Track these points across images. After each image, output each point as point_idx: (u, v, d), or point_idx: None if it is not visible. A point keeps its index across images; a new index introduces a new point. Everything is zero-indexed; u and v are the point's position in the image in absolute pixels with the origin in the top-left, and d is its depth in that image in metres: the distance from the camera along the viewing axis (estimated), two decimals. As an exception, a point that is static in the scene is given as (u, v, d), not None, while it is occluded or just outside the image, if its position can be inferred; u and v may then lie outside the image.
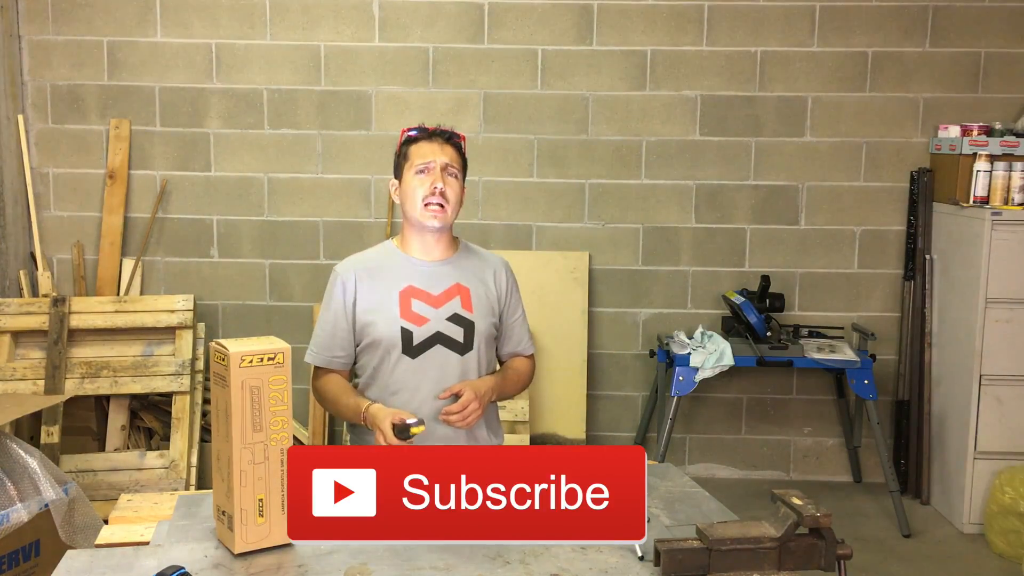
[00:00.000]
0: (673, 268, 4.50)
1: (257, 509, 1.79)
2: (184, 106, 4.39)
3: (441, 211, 2.31)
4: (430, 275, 2.36)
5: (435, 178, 2.30)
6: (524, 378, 2.51)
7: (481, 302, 2.38)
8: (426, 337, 2.31)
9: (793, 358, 4.03)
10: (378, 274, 2.36)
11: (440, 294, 2.34)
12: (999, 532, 3.80)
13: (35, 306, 4.09)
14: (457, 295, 2.36)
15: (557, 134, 4.41)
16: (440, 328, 2.32)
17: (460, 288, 2.37)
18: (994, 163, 4.03)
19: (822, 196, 4.45)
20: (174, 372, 4.05)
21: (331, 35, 4.36)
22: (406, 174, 2.35)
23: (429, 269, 2.37)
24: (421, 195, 2.31)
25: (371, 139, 4.42)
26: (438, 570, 1.75)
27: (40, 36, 4.34)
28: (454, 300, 2.35)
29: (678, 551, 1.69)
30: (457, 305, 2.35)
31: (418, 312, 2.32)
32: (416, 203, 2.32)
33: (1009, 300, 3.93)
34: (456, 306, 2.34)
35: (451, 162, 2.34)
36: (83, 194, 4.43)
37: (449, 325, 2.33)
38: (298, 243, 4.47)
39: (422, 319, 2.31)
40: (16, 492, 3.02)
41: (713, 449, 4.62)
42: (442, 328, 2.32)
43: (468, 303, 2.36)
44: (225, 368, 1.76)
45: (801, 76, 4.38)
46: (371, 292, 2.34)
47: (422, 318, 2.32)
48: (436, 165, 2.31)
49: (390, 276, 2.35)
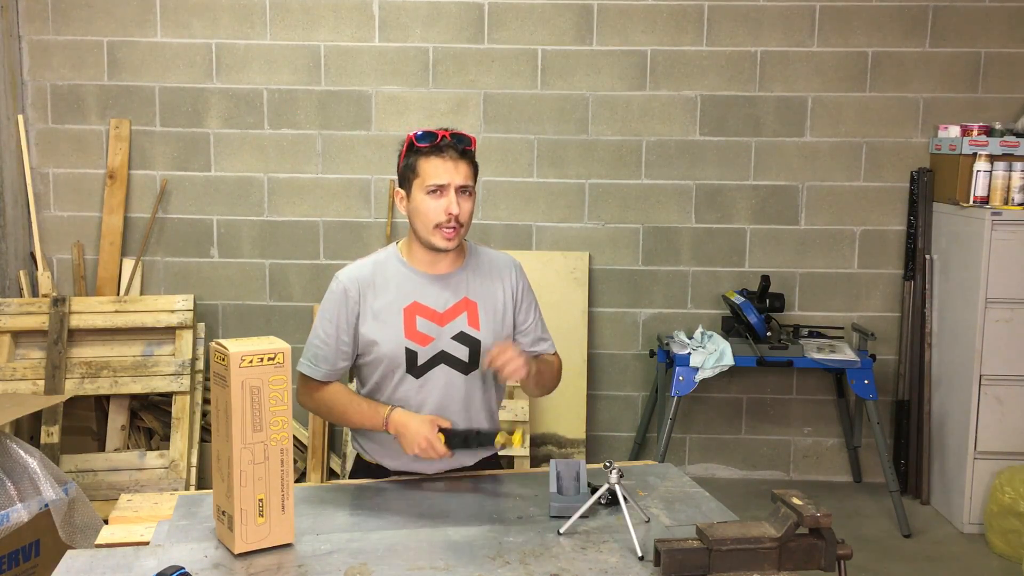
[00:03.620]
0: (673, 268, 4.50)
1: (257, 509, 1.79)
2: (184, 106, 4.39)
3: (455, 233, 2.20)
4: (436, 290, 2.27)
5: (449, 203, 2.17)
6: (555, 369, 2.41)
7: (489, 316, 2.30)
8: (430, 357, 2.25)
9: (793, 358, 4.03)
10: (382, 288, 2.26)
11: (446, 311, 2.26)
12: (999, 532, 3.80)
13: (35, 306, 4.09)
14: (464, 311, 2.27)
15: (557, 134, 4.41)
16: (445, 347, 2.25)
17: (467, 303, 2.28)
18: (994, 163, 4.03)
19: (822, 196, 4.45)
20: (174, 372, 4.05)
21: (331, 35, 4.36)
22: (416, 191, 2.21)
23: (435, 283, 2.27)
24: (434, 219, 2.18)
25: (371, 139, 4.42)
26: (438, 570, 1.75)
27: (40, 36, 4.34)
28: (460, 317, 2.27)
29: (678, 551, 1.69)
30: (463, 322, 2.26)
31: (423, 331, 2.24)
32: (427, 225, 2.20)
33: (1009, 300, 3.93)
34: (462, 323, 2.26)
35: (466, 181, 2.19)
36: (83, 194, 4.43)
37: (454, 344, 2.25)
38: (298, 243, 4.47)
39: (427, 338, 2.24)
40: (16, 492, 3.02)
41: (713, 449, 4.62)
42: (447, 347, 2.25)
43: (475, 319, 2.28)
44: (225, 368, 1.76)
45: (801, 76, 4.38)
46: (375, 308, 2.25)
47: (427, 337, 2.24)
48: (451, 188, 2.17)
49: (394, 291, 2.26)
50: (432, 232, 2.21)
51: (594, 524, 1.96)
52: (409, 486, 2.22)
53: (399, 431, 2.19)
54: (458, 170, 2.19)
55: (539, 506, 2.07)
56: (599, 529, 1.94)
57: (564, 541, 1.88)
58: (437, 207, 2.18)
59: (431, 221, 2.19)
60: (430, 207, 2.19)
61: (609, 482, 1.93)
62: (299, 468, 4.28)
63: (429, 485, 2.22)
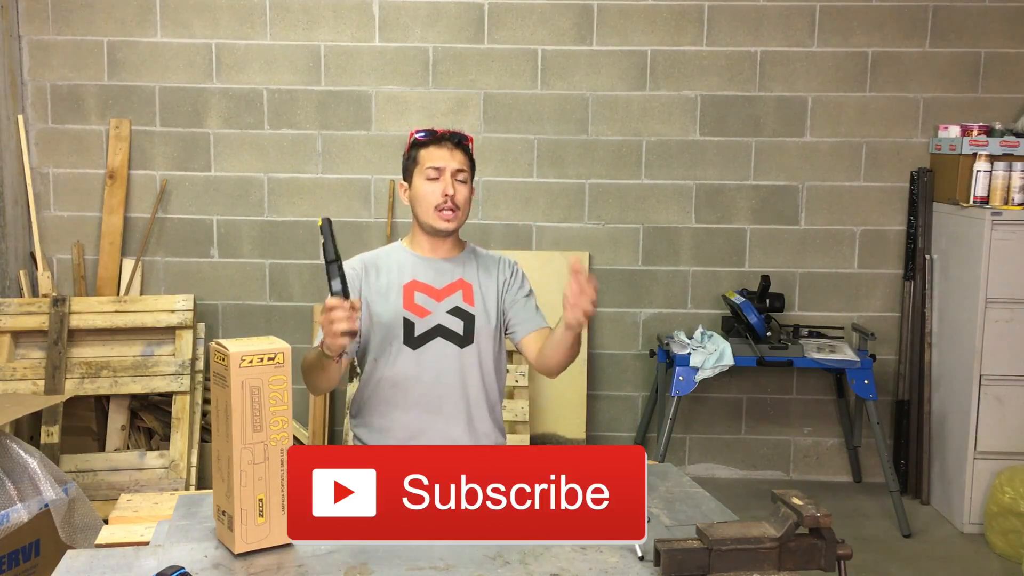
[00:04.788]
0: (673, 268, 4.50)
1: (257, 509, 1.79)
2: (184, 106, 4.39)
3: (453, 215, 2.37)
4: (435, 270, 2.42)
5: (446, 185, 2.36)
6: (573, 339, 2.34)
7: (482, 298, 2.43)
8: (427, 329, 2.37)
9: (793, 358, 4.03)
10: (384, 268, 2.42)
11: (443, 288, 2.41)
12: (999, 532, 3.80)
13: (35, 306, 4.09)
14: (460, 289, 2.41)
15: (557, 134, 4.41)
16: (441, 320, 2.38)
17: (463, 283, 2.43)
18: (994, 163, 4.03)
19: (822, 196, 4.45)
20: (174, 372, 4.05)
21: (331, 35, 4.36)
22: (416, 179, 2.40)
23: (434, 264, 2.43)
24: (432, 201, 2.36)
25: (371, 139, 4.42)
26: (438, 570, 1.75)
27: (40, 36, 4.34)
28: (456, 294, 2.41)
29: (678, 551, 1.69)
30: (459, 299, 2.40)
31: (421, 304, 2.38)
32: (428, 208, 2.38)
33: (1009, 300, 3.93)
34: (458, 299, 2.40)
35: (461, 167, 2.39)
36: (83, 194, 4.43)
37: (450, 318, 2.38)
38: (298, 243, 4.47)
39: (424, 311, 2.37)
40: (16, 492, 3.02)
41: (713, 449, 4.62)
42: (443, 320, 2.38)
43: (470, 297, 2.42)
44: (225, 368, 1.76)
45: (801, 76, 4.38)
46: (378, 286, 2.39)
47: (424, 310, 2.37)
48: (447, 171, 2.37)
49: (396, 270, 2.42)
50: (432, 215, 2.37)
51: (594, 524, 1.96)
52: (409, 486, 2.22)
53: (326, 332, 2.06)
54: (454, 157, 2.39)
55: (539, 506, 2.07)
56: (599, 529, 1.94)
57: (564, 541, 1.88)
58: (435, 189, 2.36)
59: (431, 203, 2.37)
60: (428, 190, 2.37)
61: (609, 482, 1.93)
62: (299, 468, 4.27)
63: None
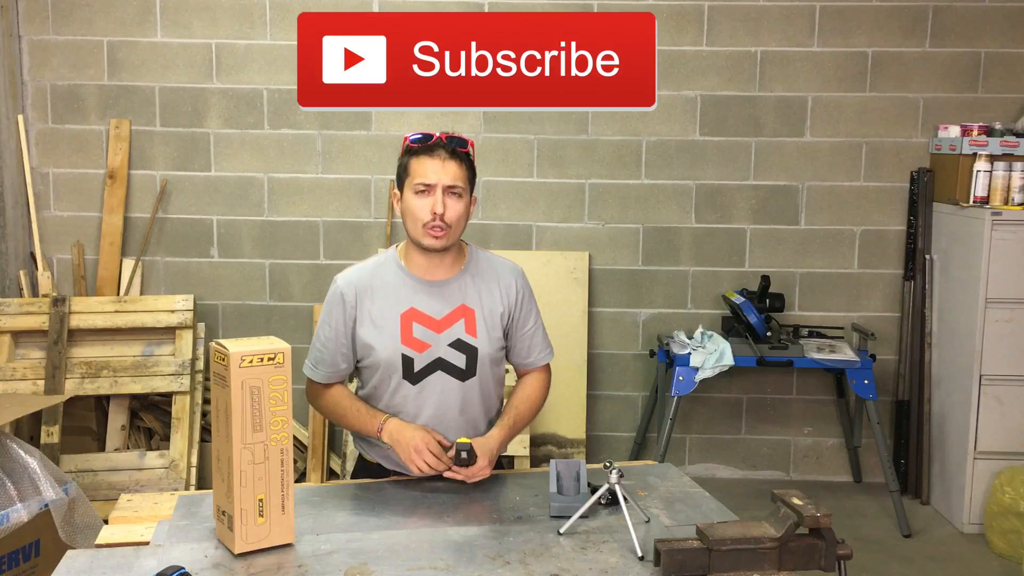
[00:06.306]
0: (673, 268, 4.50)
1: (257, 509, 1.79)
2: (184, 106, 4.39)
3: (443, 233, 2.19)
4: (433, 296, 2.26)
5: (435, 202, 2.17)
6: (536, 403, 2.39)
7: (485, 325, 2.28)
8: (427, 363, 2.24)
9: (793, 358, 4.03)
10: (380, 293, 2.26)
11: (443, 318, 2.25)
12: (999, 532, 3.80)
13: (35, 306, 4.09)
14: (461, 318, 2.26)
15: (557, 134, 4.41)
16: (441, 354, 2.25)
17: (465, 310, 2.27)
18: (994, 163, 4.03)
19: (822, 196, 4.45)
20: (174, 372, 4.05)
21: (331, 35, 4.36)
22: (406, 191, 2.22)
23: (433, 290, 2.27)
24: (421, 218, 2.18)
25: (371, 139, 4.42)
26: (438, 570, 1.75)
27: (40, 36, 4.34)
28: (457, 324, 2.26)
29: (678, 551, 1.69)
30: (460, 329, 2.26)
31: (419, 338, 2.24)
32: (416, 224, 2.20)
33: (1009, 300, 3.93)
34: (459, 330, 2.25)
35: (454, 181, 2.19)
36: (83, 194, 4.43)
37: (451, 351, 2.25)
38: (298, 243, 4.47)
39: (423, 345, 2.24)
40: (16, 492, 3.02)
41: (713, 449, 4.62)
42: (444, 354, 2.25)
43: (472, 327, 2.27)
44: (225, 368, 1.76)
45: (801, 76, 4.38)
46: (372, 313, 2.25)
47: (423, 344, 2.24)
48: (438, 187, 2.17)
49: (392, 296, 2.26)
50: (421, 232, 2.20)
51: (594, 524, 1.96)
52: (409, 486, 2.22)
53: (394, 439, 2.20)
54: (446, 169, 2.19)
55: (539, 506, 2.07)
56: (599, 529, 1.94)
57: (564, 541, 1.88)
58: (424, 206, 2.19)
59: (419, 220, 2.19)
60: (417, 206, 2.20)
61: (609, 482, 1.93)
62: (299, 468, 4.28)
63: (429, 485, 2.22)
